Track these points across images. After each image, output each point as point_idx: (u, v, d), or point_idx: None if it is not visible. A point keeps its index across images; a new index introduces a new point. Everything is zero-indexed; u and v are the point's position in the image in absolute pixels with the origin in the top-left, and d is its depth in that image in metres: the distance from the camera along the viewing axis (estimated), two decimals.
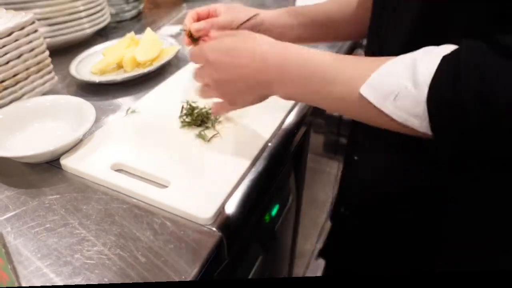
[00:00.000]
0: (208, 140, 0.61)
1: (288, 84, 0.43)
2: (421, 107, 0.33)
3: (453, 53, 0.33)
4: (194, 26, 0.56)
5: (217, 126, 0.64)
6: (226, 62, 0.46)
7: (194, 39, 0.58)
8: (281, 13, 0.62)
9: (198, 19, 0.60)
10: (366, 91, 0.36)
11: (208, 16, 0.60)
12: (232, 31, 0.51)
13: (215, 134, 0.62)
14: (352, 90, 0.38)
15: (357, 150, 0.56)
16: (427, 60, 0.33)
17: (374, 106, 0.36)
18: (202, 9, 0.60)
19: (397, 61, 0.36)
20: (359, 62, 0.39)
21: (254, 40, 0.46)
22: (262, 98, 0.49)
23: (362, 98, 0.36)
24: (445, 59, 0.32)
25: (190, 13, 0.59)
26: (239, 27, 0.58)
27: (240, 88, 0.47)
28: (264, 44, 0.45)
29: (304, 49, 0.43)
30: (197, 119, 0.65)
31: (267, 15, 0.61)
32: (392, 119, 0.35)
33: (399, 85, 0.34)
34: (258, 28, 0.60)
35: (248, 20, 0.59)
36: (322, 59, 0.41)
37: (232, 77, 0.46)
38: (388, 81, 0.35)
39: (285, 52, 0.43)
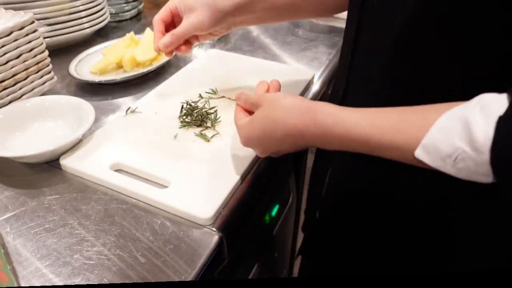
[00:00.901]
0: (208, 140, 0.61)
1: (332, 147, 0.44)
2: (485, 168, 0.33)
3: (508, 111, 0.32)
4: (162, 43, 0.57)
5: (217, 126, 0.64)
6: (267, 144, 0.49)
7: None
8: (241, 2, 0.61)
9: (166, 26, 0.62)
10: (421, 155, 0.36)
11: (172, 18, 0.61)
12: (254, 101, 0.51)
13: (215, 134, 0.62)
14: (404, 154, 0.37)
15: None
16: (482, 122, 0.32)
17: (432, 166, 0.36)
18: (164, 14, 0.60)
19: (448, 120, 0.35)
20: (400, 121, 0.38)
21: (278, 110, 0.46)
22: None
23: (417, 159, 0.36)
24: (502, 121, 0.32)
25: (156, 25, 0.60)
26: (204, 29, 0.59)
27: (285, 150, 0.50)
28: (293, 112, 0.44)
29: (335, 113, 0.42)
30: (197, 119, 0.64)
31: (234, 6, 0.60)
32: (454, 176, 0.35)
33: (456, 148, 0.33)
34: (224, 20, 0.60)
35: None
36: (359, 129, 0.39)
37: (276, 151, 0.50)
38: (443, 145, 0.34)
39: (317, 121, 0.43)
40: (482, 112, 0.33)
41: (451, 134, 0.34)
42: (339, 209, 0.54)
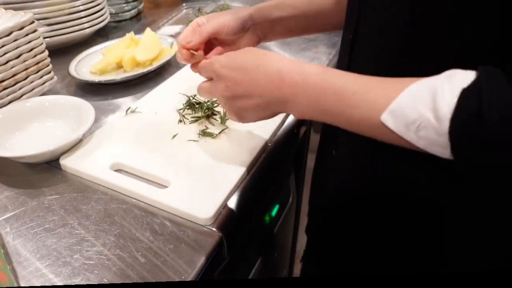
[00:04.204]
0: (214, 137, 0.61)
1: (303, 104, 0.42)
2: (444, 139, 0.33)
3: (472, 85, 0.32)
4: (184, 39, 0.55)
5: (218, 126, 0.64)
6: (239, 78, 0.45)
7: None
8: (270, 6, 0.61)
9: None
10: (387, 119, 0.36)
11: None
12: (242, 50, 0.48)
13: (223, 129, 0.62)
14: (372, 115, 0.37)
15: (337, 144, 0.53)
16: (448, 91, 0.33)
17: (396, 133, 0.36)
18: (188, 32, 0.58)
19: (418, 88, 0.35)
20: (380, 84, 0.38)
21: (268, 56, 0.45)
22: (273, 115, 0.48)
23: (383, 124, 0.36)
24: (465, 93, 0.32)
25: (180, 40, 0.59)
26: (228, 30, 0.57)
27: (251, 105, 0.46)
28: (281, 60, 0.43)
29: (322, 67, 0.42)
30: (205, 113, 0.65)
31: (254, 9, 0.60)
32: (414, 145, 0.35)
33: (420, 115, 0.34)
34: (248, 24, 0.59)
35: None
36: (341, 78, 0.40)
37: (243, 93, 0.45)
38: (409, 111, 0.35)
39: (302, 70, 0.42)
40: (449, 83, 0.33)
41: (418, 100, 0.34)
42: (342, 211, 0.54)
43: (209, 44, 0.59)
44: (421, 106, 0.34)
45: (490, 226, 0.42)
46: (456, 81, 0.33)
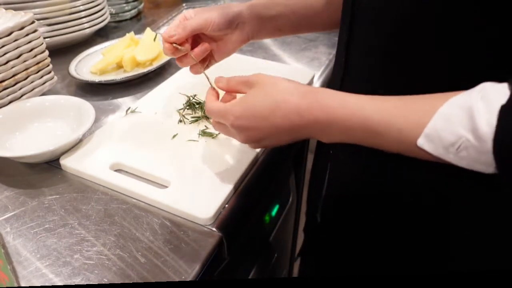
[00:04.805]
0: (214, 137, 0.61)
1: (329, 137, 0.43)
2: (487, 157, 0.33)
3: (510, 101, 0.32)
4: (167, 33, 0.53)
5: None
6: (259, 126, 0.44)
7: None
8: (260, 4, 0.60)
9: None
10: (424, 143, 0.36)
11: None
12: (244, 79, 0.46)
13: None
14: (406, 140, 0.37)
15: (334, 144, 0.54)
16: (485, 110, 0.32)
17: (435, 156, 0.36)
18: (173, 25, 0.56)
19: (451, 108, 0.35)
20: (405, 106, 0.38)
21: (279, 91, 0.43)
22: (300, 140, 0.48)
23: (419, 147, 0.36)
24: (505, 109, 0.32)
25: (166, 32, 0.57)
26: (214, 26, 0.55)
27: (277, 141, 0.46)
28: (294, 95, 0.42)
29: (340, 96, 0.41)
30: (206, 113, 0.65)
31: (245, 7, 0.59)
32: (456, 165, 0.35)
33: (459, 136, 0.33)
34: (236, 21, 0.58)
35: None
36: (364, 111, 0.39)
37: (267, 136, 0.45)
38: (446, 133, 0.34)
39: (321, 103, 0.41)
40: (484, 100, 0.33)
41: (454, 122, 0.34)
42: (339, 209, 0.54)
43: (198, 38, 0.58)
44: (459, 128, 0.34)
45: (495, 226, 0.42)
46: (491, 98, 0.33)
